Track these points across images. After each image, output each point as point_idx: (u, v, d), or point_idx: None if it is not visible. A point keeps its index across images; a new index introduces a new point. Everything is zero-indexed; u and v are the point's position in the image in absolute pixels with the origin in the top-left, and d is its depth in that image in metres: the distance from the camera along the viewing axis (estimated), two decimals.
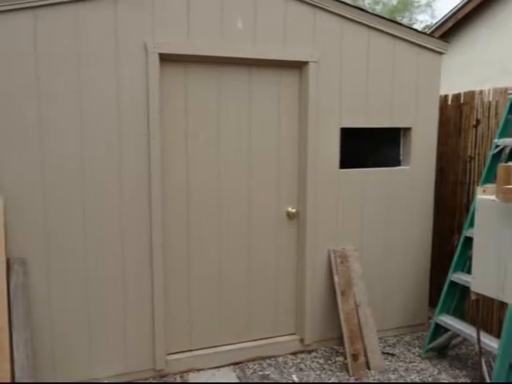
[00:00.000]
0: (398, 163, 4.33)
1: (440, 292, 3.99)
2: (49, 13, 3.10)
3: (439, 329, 3.93)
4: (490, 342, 3.43)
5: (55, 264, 3.29)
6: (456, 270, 3.85)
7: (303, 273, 3.99)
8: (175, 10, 3.37)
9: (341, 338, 3.95)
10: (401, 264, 4.33)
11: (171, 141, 3.57)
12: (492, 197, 1.94)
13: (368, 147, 4.64)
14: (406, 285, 4.39)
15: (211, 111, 3.67)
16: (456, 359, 4.02)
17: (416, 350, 4.14)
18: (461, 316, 3.99)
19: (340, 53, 3.87)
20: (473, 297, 3.43)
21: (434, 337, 3.96)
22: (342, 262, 4.00)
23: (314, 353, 4.08)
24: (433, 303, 4.52)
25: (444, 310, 3.91)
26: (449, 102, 4.75)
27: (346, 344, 3.82)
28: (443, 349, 4.04)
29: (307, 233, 3.93)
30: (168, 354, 3.70)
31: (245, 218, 3.85)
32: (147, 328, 3.57)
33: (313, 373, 3.77)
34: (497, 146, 3.72)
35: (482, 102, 4.34)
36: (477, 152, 4.40)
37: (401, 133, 4.30)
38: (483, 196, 2.02)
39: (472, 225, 3.67)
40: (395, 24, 4.06)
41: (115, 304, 3.47)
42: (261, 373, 3.75)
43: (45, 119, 3.17)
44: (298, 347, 4.08)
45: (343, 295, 3.94)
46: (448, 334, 3.84)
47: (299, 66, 3.83)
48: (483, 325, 4.17)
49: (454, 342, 4.02)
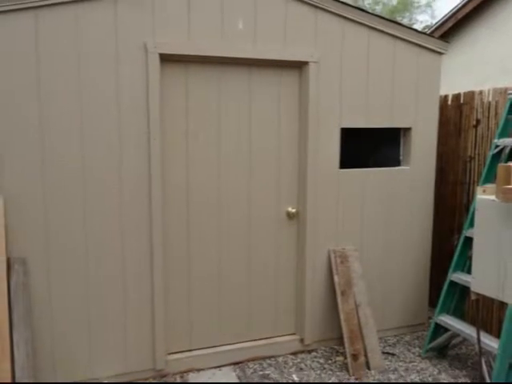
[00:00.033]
0: (398, 163, 4.34)
1: (440, 292, 3.99)
2: (49, 13, 3.11)
3: (439, 329, 3.93)
4: (490, 342, 3.44)
5: (55, 264, 3.30)
6: (456, 270, 3.86)
7: (303, 273, 3.99)
8: (175, 10, 3.38)
9: (341, 338, 3.95)
10: (401, 264, 4.34)
11: (171, 141, 3.57)
12: (492, 197, 1.95)
13: (368, 147, 4.65)
14: (406, 285, 4.39)
15: (211, 111, 3.67)
16: (456, 359, 4.02)
17: (416, 350, 4.15)
18: (461, 316, 3.99)
19: (340, 53, 3.88)
20: (473, 297, 3.43)
21: (434, 337, 3.96)
22: (342, 262, 4.00)
23: (314, 353, 4.08)
24: (433, 303, 4.52)
25: (444, 310, 3.92)
26: (449, 102, 4.75)
27: (346, 344, 3.83)
28: (443, 349, 4.04)
29: (307, 233, 3.93)
30: (168, 354, 3.71)
31: (245, 218, 3.86)
32: (147, 328, 3.58)
33: (313, 372, 3.78)
34: (497, 146, 3.72)
35: (482, 102, 4.34)
36: (477, 152, 4.40)
37: (401, 133, 4.30)
38: (483, 196, 2.02)
39: (472, 225, 3.68)
40: (395, 24, 4.07)
41: (115, 304, 3.48)
42: (261, 372, 3.76)
43: (45, 119, 3.17)
44: (298, 347, 4.08)
45: (343, 295, 3.94)
46: (448, 334, 3.84)
47: (299, 66, 3.83)
48: (483, 325, 4.17)
49: (454, 342, 4.02)
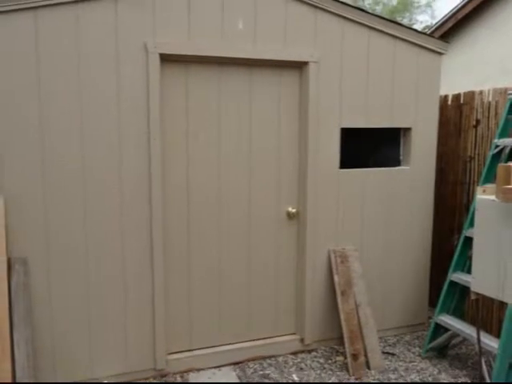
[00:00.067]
0: (398, 163, 4.34)
1: (440, 292, 3.99)
2: (49, 13, 3.11)
3: (439, 328, 3.94)
4: (490, 342, 3.44)
5: (56, 264, 3.30)
6: (456, 270, 3.86)
7: (303, 273, 4.00)
8: (176, 10, 3.38)
9: (341, 338, 3.96)
10: (401, 264, 4.34)
11: (171, 141, 3.58)
12: (492, 197, 1.95)
13: (368, 147, 4.65)
14: (406, 285, 4.39)
15: (212, 111, 3.67)
16: (456, 359, 4.02)
17: (416, 350, 4.15)
18: (461, 316, 3.99)
19: (340, 53, 3.88)
20: (473, 296, 3.44)
21: (434, 336, 3.97)
22: (342, 262, 4.01)
23: (314, 352, 4.09)
24: (433, 303, 4.52)
25: (444, 310, 3.92)
26: (449, 102, 4.76)
27: (346, 344, 3.83)
28: (443, 348, 4.05)
29: (307, 233, 3.94)
30: (168, 354, 3.71)
31: (245, 218, 3.86)
32: (148, 328, 3.58)
33: (313, 372, 3.78)
34: (497, 146, 3.72)
35: (482, 103, 4.34)
36: (477, 152, 4.40)
37: (401, 133, 4.30)
38: (483, 196, 2.02)
39: (472, 225, 3.68)
40: (395, 24, 4.07)
41: (116, 304, 3.48)
42: (261, 372, 3.76)
43: (45, 119, 3.17)
44: (299, 347, 4.08)
45: (343, 295, 3.94)
46: (448, 334, 3.85)
47: (299, 66, 3.84)
48: (483, 324, 4.17)
49: (454, 342, 4.03)
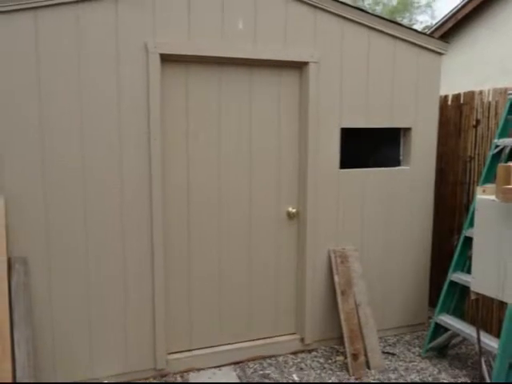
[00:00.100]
0: (398, 163, 4.34)
1: (440, 292, 4.00)
2: (49, 13, 3.11)
3: (439, 328, 3.94)
4: (490, 342, 3.44)
5: (56, 263, 3.30)
6: (456, 270, 3.86)
7: (303, 272, 4.00)
8: (176, 11, 3.38)
9: (341, 338, 3.96)
10: (401, 264, 4.34)
11: (172, 141, 3.58)
12: (492, 197, 1.95)
13: (368, 147, 4.65)
14: (406, 285, 4.40)
15: (212, 111, 3.68)
16: (456, 359, 4.02)
17: (416, 350, 4.15)
18: (461, 316, 4.00)
19: (340, 53, 3.88)
20: (473, 296, 3.45)
21: (434, 336, 3.97)
22: (342, 262, 4.01)
23: (315, 352, 4.09)
24: (433, 303, 4.52)
25: (444, 310, 3.92)
26: (449, 103, 4.76)
27: (346, 343, 3.83)
28: (443, 348, 4.05)
29: (307, 233, 3.94)
30: (169, 354, 3.71)
31: (245, 218, 3.86)
32: (148, 327, 3.58)
33: (313, 372, 3.78)
34: (496, 146, 3.73)
35: (482, 103, 4.35)
36: (477, 152, 4.41)
37: (401, 133, 4.31)
38: (483, 196, 2.03)
39: (472, 225, 3.68)
40: (395, 25, 4.07)
41: (116, 303, 3.48)
42: (261, 372, 3.76)
43: (45, 119, 3.18)
44: (299, 347, 4.09)
45: (343, 295, 3.94)
46: (448, 334, 3.85)
47: (299, 67, 3.84)
48: (483, 324, 4.18)
49: (454, 342, 4.03)
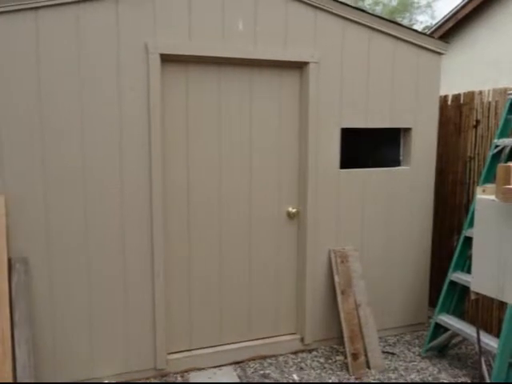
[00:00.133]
0: (398, 163, 4.35)
1: (440, 292, 4.00)
2: (50, 13, 3.12)
3: (439, 328, 3.94)
4: (490, 342, 3.45)
5: (57, 263, 3.30)
6: (456, 270, 3.87)
7: (303, 272, 4.00)
8: (176, 11, 3.39)
9: (341, 338, 3.97)
10: (401, 264, 4.35)
11: (172, 141, 3.58)
12: (492, 197, 1.95)
13: (368, 147, 4.66)
14: (406, 284, 4.40)
15: (212, 111, 3.68)
16: (456, 358, 4.03)
17: (416, 350, 4.16)
18: (460, 315, 4.00)
19: (341, 53, 3.89)
20: (472, 296, 3.45)
21: (434, 336, 3.97)
22: (342, 262, 4.01)
23: (315, 352, 4.09)
24: (433, 303, 4.53)
25: (444, 310, 3.93)
26: (449, 103, 4.76)
27: (346, 343, 3.84)
28: (443, 348, 4.05)
29: (307, 233, 3.94)
30: (169, 354, 3.72)
31: (245, 218, 3.87)
32: (148, 327, 3.59)
33: (313, 372, 3.79)
34: (496, 147, 3.73)
35: (482, 103, 4.35)
36: (476, 152, 4.41)
37: (401, 133, 4.31)
38: (483, 196, 2.03)
39: (472, 225, 3.69)
40: (395, 25, 4.08)
41: (116, 303, 3.48)
42: (261, 372, 3.77)
43: (45, 119, 3.18)
44: (299, 346, 4.09)
45: (343, 295, 3.95)
46: (448, 334, 3.85)
47: (300, 67, 3.84)
48: (483, 324, 4.18)
49: (454, 342, 4.04)
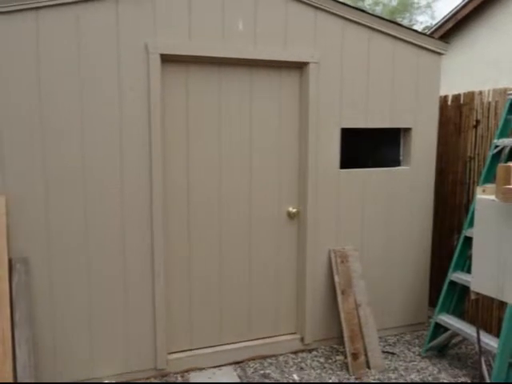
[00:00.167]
0: (398, 163, 4.35)
1: (440, 291, 4.01)
2: (50, 13, 3.12)
3: (439, 328, 3.95)
4: (490, 342, 3.45)
5: (57, 263, 3.31)
6: (456, 270, 3.87)
7: (303, 272, 4.01)
8: (176, 11, 3.39)
9: (341, 337, 3.97)
10: (401, 264, 4.35)
11: (172, 141, 3.59)
12: (492, 197, 1.95)
13: (368, 147, 4.66)
14: (406, 284, 4.40)
15: (212, 111, 3.68)
16: (456, 358, 4.03)
17: (416, 349, 4.16)
18: (460, 315, 4.01)
19: (341, 53, 3.89)
20: (472, 296, 3.42)
21: (434, 336, 3.98)
22: (343, 262, 4.02)
23: (315, 352, 4.10)
24: (433, 303, 4.53)
25: (444, 310, 3.93)
26: (449, 103, 4.77)
27: (347, 343, 3.84)
28: (443, 348, 4.06)
29: (308, 232, 3.95)
30: (169, 354, 3.72)
31: (246, 218, 3.87)
32: (148, 327, 3.59)
33: (313, 372, 3.79)
34: (496, 147, 3.74)
35: (482, 103, 4.35)
36: (477, 152, 4.41)
37: (401, 133, 4.31)
38: (483, 196, 2.03)
39: (472, 225, 3.69)
40: (395, 25, 4.08)
41: (116, 303, 3.49)
42: (262, 372, 3.77)
43: (46, 119, 3.18)
44: (299, 346, 4.10)
45: (343, 295, 3.95)
46: (448, 334, 3.86)
47: (300, 67, 3.85)
48: (483, 324, 4.19)
49: (454, 342, 4.04)
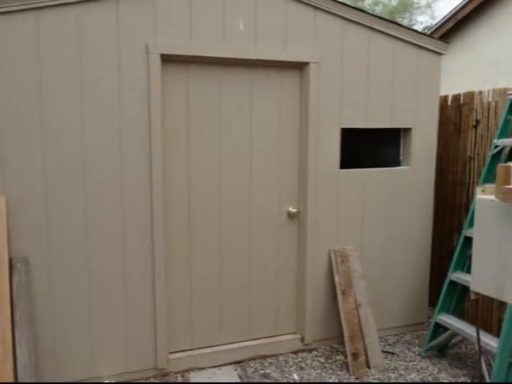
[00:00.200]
0: (398, 163, 4.35)
1: (440, 291, 4.01)
2: (51, 13, 3.12)
3: (439, 328, 3.95)
4: (490, 341, 3.45)
5: (57, 263, 3.31)
6: (456, 270, 3.88)
7: (304, 272, 4.01)
8: (177, 11, 3.39)
9: (341, 337, 3.97)
10: (401, 264, 4.35)
11: (172, 141, 3.59)
12: (491, 197, 1.96)
13: (368, 147, 4.66)
14: (406, 284, 4.41)
15: (212, 111, 3.69)
16: (456, 358, 4.04)
17: (416, 349, 4.16)
18: (460, 315, 4.01)
19: (341, 53, 3.90)
20: (472, 296, 3.43)
21: (434, 336, 3.98)
22: (343, 262, 4.02)
23: (315, 352, 4.10)
24: (433, 303, 4.53)
25: (444, 310, 3.94)
26: (449, 103, 4.77)
27: (347, 343, 3.84)
28: (443, 348, 4.06)
29: (308, 232, 3.95)
30: (169, 353, 3.72)
31: (246, 218, 3.87)
32: (149, 327, 3.59)
33: (313, 371, 3.79)
34: (496, 147, 3.74)
35: (482, 103, 4.36)
36: (476, 152, 4.42)
37: (401, 133, 4.32)
38: (483, 196, 2.03)
39: (472, 225, 3.69)
40: (395, 25, 4.08)
41: (117, 303, 3.49)
42: (262, 371, 3.77)
43: (46, 119, 3.19)
44: (299, 346, 4.10)
45: (343, 295, 3.96)
46: (448, 333, 3.86)
47: (300, 67, 3.85)
48: (483, 324, 4.19)
49: (454, 341, 4.04)
